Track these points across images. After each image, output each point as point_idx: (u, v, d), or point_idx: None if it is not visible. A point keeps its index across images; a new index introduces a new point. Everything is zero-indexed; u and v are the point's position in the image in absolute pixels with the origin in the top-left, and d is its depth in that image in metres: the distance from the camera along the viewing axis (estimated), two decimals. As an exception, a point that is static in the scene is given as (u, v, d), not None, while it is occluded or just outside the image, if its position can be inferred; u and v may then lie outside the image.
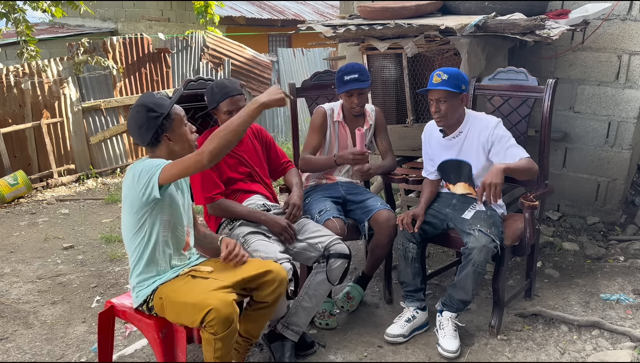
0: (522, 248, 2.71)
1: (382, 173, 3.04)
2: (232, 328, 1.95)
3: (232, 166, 2.68)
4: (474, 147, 2.68)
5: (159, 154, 2.14)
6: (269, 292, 2.16)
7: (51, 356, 2.68)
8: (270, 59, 8.94)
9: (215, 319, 1.91)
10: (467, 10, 3.48)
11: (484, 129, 2.66)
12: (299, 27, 3.86)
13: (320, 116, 2.95)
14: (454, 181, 2.81)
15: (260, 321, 2.28)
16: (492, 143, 2.64)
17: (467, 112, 2.72)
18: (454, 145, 2.73)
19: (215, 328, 1.92)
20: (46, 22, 11.29)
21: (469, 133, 2.70)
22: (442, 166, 2.81)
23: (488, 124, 2.67)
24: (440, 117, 2.64)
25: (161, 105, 2.09)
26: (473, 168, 2.71)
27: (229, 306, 1.93)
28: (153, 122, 2.07)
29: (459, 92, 2.60)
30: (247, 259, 2.23)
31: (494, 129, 2.64)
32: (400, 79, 3.72)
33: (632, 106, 3.76)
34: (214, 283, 2.05)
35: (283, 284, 2.19)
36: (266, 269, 2.17)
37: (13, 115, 5.88)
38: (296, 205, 2.68)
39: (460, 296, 2.59)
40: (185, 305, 2.00)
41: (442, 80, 2.57)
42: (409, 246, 2.68)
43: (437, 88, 2.58)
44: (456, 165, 2.75)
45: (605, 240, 3.86)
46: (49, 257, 3.98)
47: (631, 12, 3.65)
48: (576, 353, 2.58)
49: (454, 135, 2.72)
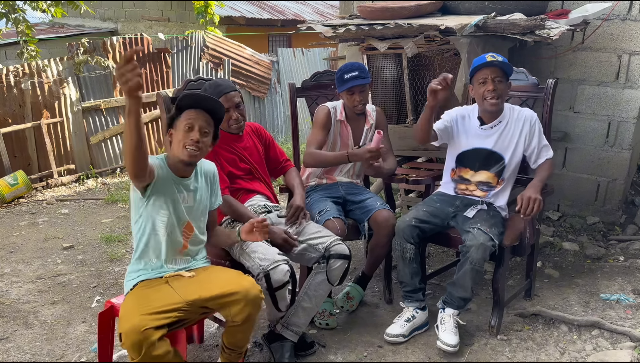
0: (522, 248, 2.71)
1: (384, 175, 3.02)
2: (145, 353, 1.85)
3: (231, 162, 2.67)
4: (514, 138, 2.67)
5: (167, 145, 2.21)
6: (236, 312, 2.04)
7: (51, 356, 2.68)
8: (270, 59, 8.94)
9: (125, 343, 1.86)
10: (467, 10, 3.48)
11: (525, 121, 2.66)
12: (299, 27, 3.86)
13: (325, 114, 2.95)
14: (478, 168, 2.75)
15: (239, 335, 2.17)
16: (532, 136, 2.65)
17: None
18: (491, 135, 2.69)
19: (130, 353, 1.88)
20: (46, 22, 11.29)
21: (508, 123, 2.67)
22: (468, 153, 2.75)
23: (529, 116, 2.67)
24: (497, 96, 2.58)
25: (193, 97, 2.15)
26: (506, 160, 2.68)
27: (138, 333, 1.84)
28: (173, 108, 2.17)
29: (508, 78, 2.60)
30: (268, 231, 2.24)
31: (536, 123, 2.65)
32: (400, 79, 3.72)
33: (632, 106, 3.76)
34: (168, 298, 2.00)
35: (251, 304, 2.05)
36: (232, 290, 2.04)
37: (13, 115, 5.88)
38: (300, 208, 2.68)
39: (459, 293, 2.60)
40: (123, 314, 1.98)
41: (498, 60, 2.54)
42: (406, 246, 2.67)
43: (501, 63, 2.53)
44: (487, 155, 2.71)
45: (605, 240, 3.86)
46: (49, 257, 3.98)
47: (631, 12, 3.65)
48: (576, 353, 2.58)
49: (492, 124, 2.68)
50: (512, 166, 2.71)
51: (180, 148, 2.11)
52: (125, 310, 2.00)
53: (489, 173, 2.74)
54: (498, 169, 2.71)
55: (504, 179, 2.73)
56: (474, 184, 2.77)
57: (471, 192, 2.78)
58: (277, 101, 9.16)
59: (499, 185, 2.73)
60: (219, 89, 2.60)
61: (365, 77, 2.82)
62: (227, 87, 2.62)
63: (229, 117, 2.62)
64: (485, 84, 2.59)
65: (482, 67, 2.58)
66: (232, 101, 2.61)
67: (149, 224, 2.13)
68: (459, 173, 2.81)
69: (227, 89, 2.61)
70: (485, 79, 2.59)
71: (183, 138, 2.11)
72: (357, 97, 2.86)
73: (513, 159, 2.69)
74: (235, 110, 2.63)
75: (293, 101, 3.25)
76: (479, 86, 2.62)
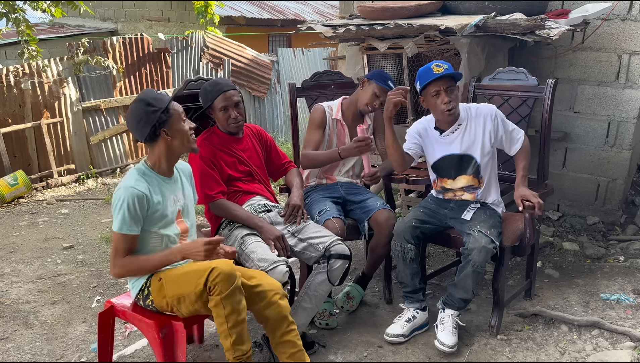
0: (522, 248, 2.70)
1: (385, 174, 3.04)
2: (236, 285, 1.98)
3: (231, 165, 2.68)
4: (478, 136, 2.66)
5: (158, 152, 2.15)
6: (265, 304, 2.15)
7: (51, 356, 2.68)
8: (270, 59, 8.94)
9: (219, 276, 1.95)
10: (467, 10, 3.48)
11: (486, 117, 2.65)
12: (299, 27, 3.86)
13: (320, 113, 2.96)
14: (455, 176, 2.76)
15: (290, 342, 2.21)
16: (497, 130, 2.65)
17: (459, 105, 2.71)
18: (454, 139, 2.69)
19: (220, 286, 1.95)
20: (46, 22, 11.28)
21: (468, 123, 2.67)
22: (440, 163, 2.76)
23: (488, 112, 2.67)
24: (454, 106, 2.58)
25: (160, 100, 2.10)
26: (478, 159, 2.68)
27: (230, 265, 2.00)
28: (151, 117, 2.07)
29: (457, 82, 2.61)
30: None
31: (496, 116, 2.66)
32: (400, 79, 3.72)
33: (632, 106, 3.76)
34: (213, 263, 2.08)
35: (279, 293, 2.18)
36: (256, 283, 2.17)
37: (13, 115, 5.88)
38: (296, 206, 2.68)
39: (460, 295, 2.60)
40: (187, 272, 2.04)
41: (444, 69, 2.54)
42: (406, 247, 2.67)
43: (450, 73, 2.53)
44: (457, 159, 2.71)
45: (605, 240, 3.86)
46: (49, 257, 3.98)
47: (631, 12, 3.65)
48: (576, 353, 2.58)
49: (452, 129, 2.68)
50: (485, 162, 2.70)
51: (190, 142, 2.18)
52: (188, 267, 2.08)
53: (467, 176, 2.74)
54: (473, 170, 2.71)
55: (483, 177, 2.73)
56: (459, 190, 2.78)
57: (459, 197, 2.78)
58: (277, 101, 9.16)
59: (481, 184, 2.73)
60: (218, 87, 2.61)
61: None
62: (226, 86, 2.63)
63: (228, 116, 2.62)
64: (439, 96, 2.57)
65: (433, 81, 2.56)
66: (231, 99, 2.61)
67: (147, 236, 2.14)
68: (440, 184, 2.82)
69: (226, 87, 2.62)
70: (438, 92, 2.57)
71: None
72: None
73: (484, 155, 2.68)
74: (234, 109, 2.63)
75: (293, 101, 3.25)
76: (432, 98, 2.60)
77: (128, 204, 2.04)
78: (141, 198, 2.05)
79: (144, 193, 2.07)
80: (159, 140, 2.13)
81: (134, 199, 2.04)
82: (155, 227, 2.13)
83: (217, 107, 2.62)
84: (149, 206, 2.08)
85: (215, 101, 2.61)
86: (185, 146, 2.16)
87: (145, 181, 2.11)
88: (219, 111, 2.62)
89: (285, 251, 2.51)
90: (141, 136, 2.12)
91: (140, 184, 2.08)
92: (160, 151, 2.15)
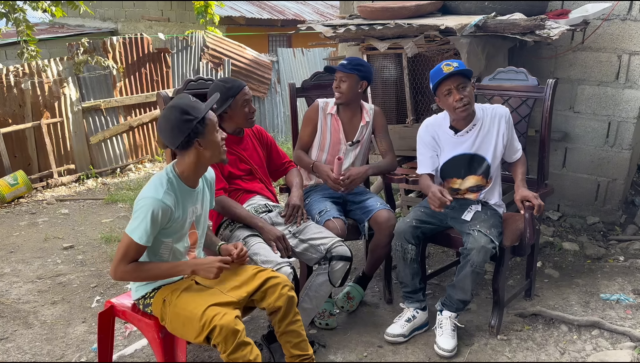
0: (522, 248, 2.71)
1: (380, 172, 3.03)
2: (240, 340, 1.93)
3: (232, 162, 2.68)
4: (492, 137, 2.66)
5: (188, 161, 2.07)
6: (276, 297, 2.14)
7: (51, 356, 2.68)
8: (270, 59, 8.93)
9: (220, 334, 1.90)
10: (467, 10, 3.48)
11: (501, 119, 2.65)
12: (299, 27, 3.86)
13: (311, 110, 2.98)
14: (464, 175, 2.74)
15: (295, 332, 2.21)
16: (508, 134, 2.67)
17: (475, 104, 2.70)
18: (468, 139, 2.67)
19: (223, 345, 1.91)
20: (46, 22, 11.29)
21: (483, 124, 2.66)
22: (449, 163, 2.73)
23: (503, 113, 2.67)
24: (467, 104, 2.56)
25: (196, 108, 2.02)
26: (489, 160, 2.68)
27: (231, 317, 1.94)
28: (186, 126, 1.99)
29: (470, 79, 2.59)
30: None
31: (509, 120, 2.67)
32: (400, 79, 3.72)
33: (632, 106, 3.76)
34: (219, 296, 2.05)
35: (288, 284, 2.19)
36: (266, 277, 2.18)
37: (13, 115, 5.87)
38: (296, 206, 2.68)
39: (459, 296, 2.59)
40: (191, 319, 1.97)
41: (454, 67, 2.52)
42: (407, 247, 2.67)
43: (460, 71, 2.50)
44: (468, 159, 2.69)
45: (605, 240, 3.86)
46: (49, 257, 3.98)
47: (631, 12, 3.65)
48: (576, 353, 2.58)
49: (467, 129, 2.66)
50: (496, 164, 2.71)
51: (221, 153, 2.13)
52: (192, 306, 2.00)
53: (476, 176, 2.73)
54: (483, 170, 2.71)
55: (492, 178, 2.73)
56: (465, 191, 2.78)
57: (462, 196, 2.78)
58: (277, 101, 9.16)
59: (488, 184, 2.74)
60: (237, 83, 2.66)
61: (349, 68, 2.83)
62: (242, 82, 2.69)
63: (249, 109, 2.66)
64: (451, 94, 2.55)
65: (443, 80, 2.55)
66: (249, 94, 2.66)
67: (158, 244, 2.10)
68: (448, 186, 2.78)
69: (243, 83, 2.68)
70: (449, 90, 2.55)
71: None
72: (335, 83, 2.88)
73: (496, 157, 2.69)
74: (249, 104, 2.67)
75: (293, 101, 3.26)
76: (445, 97, 2.58)
77: (152, 216, 1.96)
78: (166, 211, 2.00)
79: (170, 207, 2.01)
80: (190, 149, 2.05)
81: (159, 212, 1.97)
82: (169, 239, 2.09)
83: (240, 102, 2.63)
84: (169, 220, 2.03)
85: (237, 95, 2.62)
86: (216, 157, 2.11)
87: (172, 194, 2.04)
88: (242, 105, 2.63)
89: (287, 252, 2.51)
90: (172, 144, 2.04)
91: (168, 198, 2.01)
92: (190, 160, 2.07)
